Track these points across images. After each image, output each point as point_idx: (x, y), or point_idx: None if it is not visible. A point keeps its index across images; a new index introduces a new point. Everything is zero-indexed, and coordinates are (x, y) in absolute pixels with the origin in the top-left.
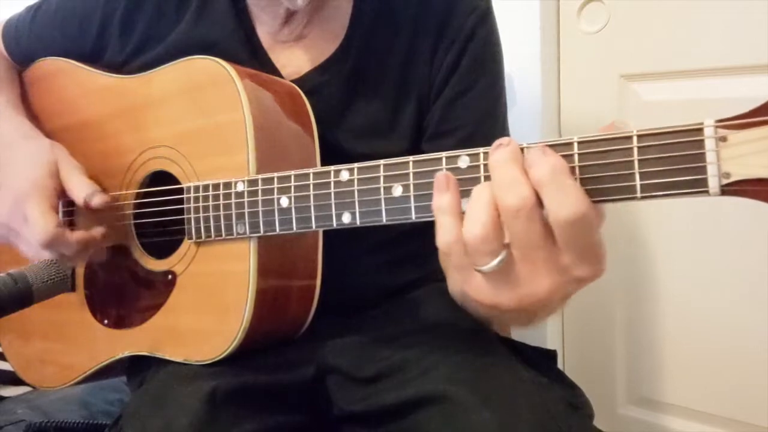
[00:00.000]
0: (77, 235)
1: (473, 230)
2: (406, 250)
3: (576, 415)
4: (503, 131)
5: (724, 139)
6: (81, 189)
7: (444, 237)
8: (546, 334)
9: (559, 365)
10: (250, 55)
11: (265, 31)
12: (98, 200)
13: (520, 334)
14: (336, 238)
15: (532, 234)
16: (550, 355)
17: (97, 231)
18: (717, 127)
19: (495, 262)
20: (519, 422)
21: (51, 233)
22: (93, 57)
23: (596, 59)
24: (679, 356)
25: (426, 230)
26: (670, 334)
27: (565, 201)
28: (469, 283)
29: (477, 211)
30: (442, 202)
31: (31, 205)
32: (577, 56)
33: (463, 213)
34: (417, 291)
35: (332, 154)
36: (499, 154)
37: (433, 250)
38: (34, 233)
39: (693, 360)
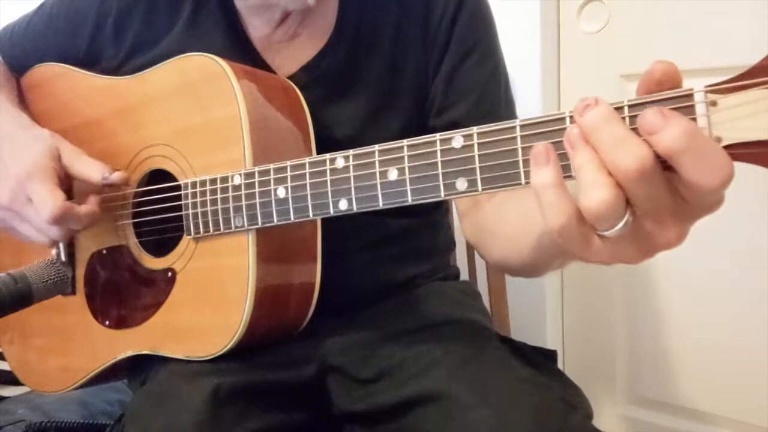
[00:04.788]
0: (85, 208)
1: (596, 195)
2: (405, 248)
3: (574, 415)
4: (507, 94)
5: (714, 103)
6: (96, 168)
7: (557, 215)
8: (546, 334)
9: (559, 365)
10: (243, 58)
11: (258, 33)
12: (117, 176)
13: (520, 334)
14: (336, 235)
15: (656, 192)
16: (550, 355)
17: (99, 203)
18: (707, 92)
19: (620, 224)
20: (518, 421)
21: (61, 207)
22: (87, 61)
23: (596, 59)
24: (679, 356)
25: (425, 227)
26: (670, 334)
27: (708, 168)
28: (587, 251)
29: (591, 174)
30: (544, 176)
31: (35, 184)
32: (577, 56)
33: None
34: (417, 289)
35: (328, 148)
36: (593, 116)
37: (433, 248)
38: (43, 210)
39: (693, 360)
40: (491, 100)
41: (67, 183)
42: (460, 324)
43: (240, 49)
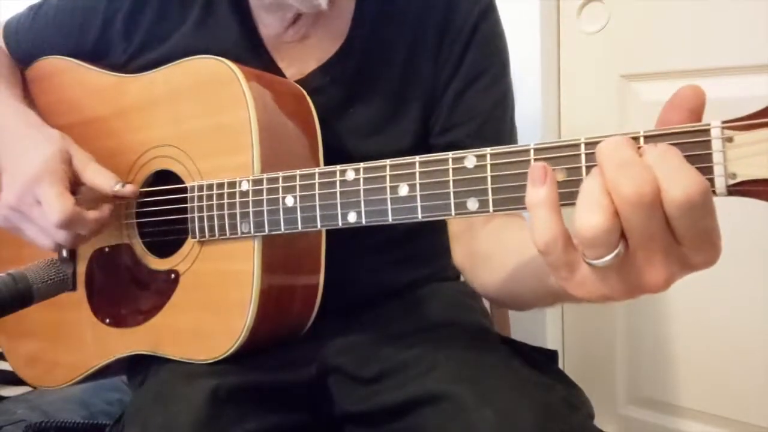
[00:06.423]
0: (93, 214)
1: (592, 219)
2: (407, 251)
3: (576, 415)
4: (512, 123)
5: (730, 139)
6: (107, 179)
7: (543, 234)
8: (546, 334)
9: (560, 365)
10: (253, 55)
11: (268, 31)
12: (129, 189)
13: (520, 334)
14: (338, 238)
15: (653, 224)
16: (551, 355)
17: (107, 209)
18: (723, 128)
19: (611, 255)
20: (520, 422)
21: (69, 212)
22: (94, 56)
23: (596, 59)
24: (679, 356)
25: (427, 230)
26: (670, 334)
27: (679, 180)
28: (571, 279)
29: (593, 198)
30: (538, 195)
31: (45, 187)
32: (577, 56)
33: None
34: (418, 291)
35: (335, 153)
36: (608, 141)
37: (434, 250)
38: (51, 213)
39: (693, 360)
40: (495, 127)
41: (75, 187)
42: (461, 325)
43: (249, 47)
